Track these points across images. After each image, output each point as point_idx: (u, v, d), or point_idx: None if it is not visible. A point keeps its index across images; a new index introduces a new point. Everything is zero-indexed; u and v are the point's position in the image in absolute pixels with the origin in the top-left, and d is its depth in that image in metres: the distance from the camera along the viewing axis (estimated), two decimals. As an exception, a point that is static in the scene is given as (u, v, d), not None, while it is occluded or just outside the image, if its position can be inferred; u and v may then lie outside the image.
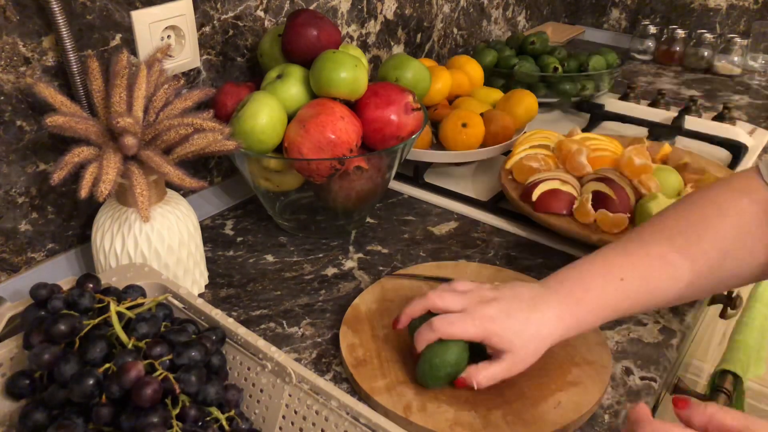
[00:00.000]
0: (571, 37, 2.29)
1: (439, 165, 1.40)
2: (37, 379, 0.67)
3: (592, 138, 1.30)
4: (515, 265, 1.10)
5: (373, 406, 0.81)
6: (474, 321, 0.77)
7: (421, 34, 1.70)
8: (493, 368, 0.78)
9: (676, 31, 2.11)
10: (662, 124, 1.58)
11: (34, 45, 0.90)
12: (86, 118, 0.84)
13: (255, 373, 0.71)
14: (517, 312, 0.78)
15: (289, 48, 1.09)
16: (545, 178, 1.17)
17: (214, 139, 0.88)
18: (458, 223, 1.23)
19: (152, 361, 0.63)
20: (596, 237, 1.07)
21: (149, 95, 0.89)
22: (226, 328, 0.72)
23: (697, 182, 1.18)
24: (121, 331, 0.65)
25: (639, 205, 1.10)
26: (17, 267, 0.98)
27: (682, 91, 1.92)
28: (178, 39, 1.08)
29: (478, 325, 0.77)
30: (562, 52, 1.74)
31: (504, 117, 1.34)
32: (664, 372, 0.89)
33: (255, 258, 1.12)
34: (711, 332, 1.56)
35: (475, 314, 0.78)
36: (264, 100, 1.02)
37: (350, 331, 0.92)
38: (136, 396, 0.59)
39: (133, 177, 0.85)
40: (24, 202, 0.96)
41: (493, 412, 0.79)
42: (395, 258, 1.12)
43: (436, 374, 0.79)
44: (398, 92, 1.08)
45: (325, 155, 1.01)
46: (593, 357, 0.87)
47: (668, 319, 0.98)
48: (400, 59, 1.22)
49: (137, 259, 0.91)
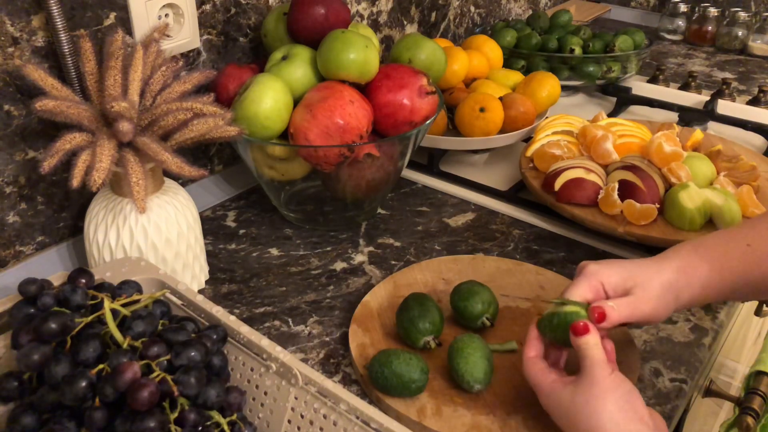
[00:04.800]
0: (596, 15, 2.28)
1: (455, 152, 1.39)
2: (26, 380, 0.67)
3: (618, 123, 1.29)
4: (536, 258, 1.10)
5: (384, 410, 0.81)
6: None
7: (436, 12, 1.69)
8: (619, 304, 0.76)
9: (708, 10, 2.10)
10: (693, 109, 1.57)
11: (23, 24, 0.90)
12: (78, 103, 0.84)
13: (259, 374, 0.71)
14: (636, 262, 0.80)
15: (295, 27, 1.09)
16: (568, 166, 1.16)
17: (215, 124, 0.88)
18: (475, 215, 1.22)
19: (149, 361, 0.62)
20: (622, 229, 1.06)
21: (146, 78, 0.88)
22: (227, 327, 0.72)
23: (730, 170, 1.17)
24: (115, 329, 0.65)
25: (668, 195, 1.09)
26: (5, 261, 0.98)
27: (714, 74, 1.91)
28: (176, 18, 1.07)
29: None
30: (587, 32, 1.73)
31: (524, 101, 1.33)
32: (695, 373, 0.88)
33: (259, 252, 1.11)
34: (745, 331, 1.55)
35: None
36: (268, 83, 1.01)
37: (360, 329, 0.91)
38: (132, 399, 0.58)
39: (129, 165, 0.84)
40: (12, 192, 0.96)
41: (513, 417, 0.79)
42: (408, 252, 1.11)
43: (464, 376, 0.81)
44: (411, 75, 1.07)
45: (334, 142, 1.00)
46: (620, 357, 0.86)
47: (700, 317, 0.97)
48: (414, 39, 1.21)
49: (133, 252, 0.91)
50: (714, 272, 0.79)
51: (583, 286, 0.78)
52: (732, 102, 1.62)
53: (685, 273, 0.78)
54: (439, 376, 0.84)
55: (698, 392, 1.07)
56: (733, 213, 1.04)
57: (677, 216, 1.06)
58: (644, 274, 0.78)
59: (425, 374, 0.80)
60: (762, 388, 1.06)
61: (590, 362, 0.71)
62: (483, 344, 0.82)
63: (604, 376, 0.70)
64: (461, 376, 0.80)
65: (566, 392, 0.71)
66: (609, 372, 0.70)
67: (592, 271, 0.79)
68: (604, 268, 0.79)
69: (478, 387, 0.80)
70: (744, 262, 0.80)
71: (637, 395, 0.70)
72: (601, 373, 0.70)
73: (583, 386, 0.70)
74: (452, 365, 0.82)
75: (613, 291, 0.78)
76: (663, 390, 0.85)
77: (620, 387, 0.70)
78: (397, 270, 1.06)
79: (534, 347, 0.78)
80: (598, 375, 0.70)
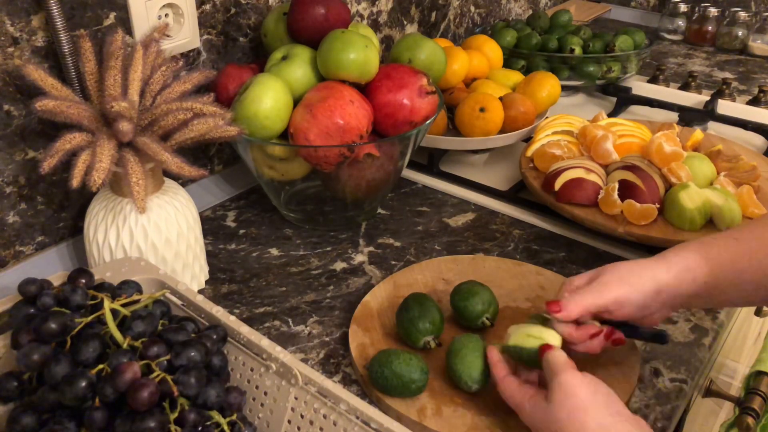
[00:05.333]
0: (596, 15, 2.28)
1: (455, 152, 1.39)
2: (26, 380, 0.67)
3: (618, 123, 1.29)
4: (536, 258, 1.10)
5: (384, 410, 0.81)
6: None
7: (436, 12, 1.69)
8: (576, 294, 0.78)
9: (708, 9, 2.10)
10: (693, 109, 1.57)
11: (23, 24, 0.90)
12: (78, 102, 0.84)
13: (259, 374, 0.70)
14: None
15: (295, 27, 1.09)
16: (568, 166, 1.16)
17: (215, 124, 0.88)
18: (475, 214, 1.22)
19: (149, 361, 0.62)
20: (622, 229, 1.06)
21: (146, 78, 0.88)
22: (227, 327, 0.72)
23: (730, 170, 1.17)
24: (115, 329, 0.65)
25: (668, 195, 1.09)
26: (5, 261, 0.98)
27: (714, 74, 1.91)
28: (176, 17, 1.07)
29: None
30: (587, 32, 1.72)
31: (524, 101, 1.33)
32: (695, 373, 0.88)
33: (258, 252, 1.11)
34: (745, 331, 1.54)
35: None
36: (268, 83, 1.01)
37: (360, 329, 0.91)
38: (132, 399, 0.58)
39: (129, 165, 0.84)
40: (12, 191, 0.95)
41: (513, 417, 0.78)
42: (408, 252, 1.11)
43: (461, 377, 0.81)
44: (411, 75, 1.07)
45: (334, 142, 1.00)
46: (620, 357, 0.86)
47: (700, 317, 0.97)
48: (414, 39, 1.21)
49: (133, 252, 0.91)
50: (705, 263, 0.79)
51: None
52: (732, 102, 1.62)
53: (664, 258, 0.79)
54: (439, 377, 0.84)
55: (698, 392, 1.07)
56: (734, 213, 1.04)
57: (677, 216, 1.06)
58: (610, 266, 0.79)
59: (425, 374, 0.80)
60: (762, 388, 1.06)
61: (557, 371, 0.70)
62: (481, 344, 0.82)
63: (575, 384, 0.68)
64: (459, 375, 0.80)
65: (543, 408, 0.70)
66: (580, 377, 0.69)
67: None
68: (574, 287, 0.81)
69: (475, 387, 0.80)
70: (732, 252, 0.79)
71: (614, 395, 0.69)
72: (572, 381, 0.69)
73: (559, 399, 0.68)
74: (450, 365, 0.82)
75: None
76: (663, 390, 0.85)
77: (598, 391, 0.68)
78: (397, 270, 1.06)
79: (502, 368, 0.78)
80: (569, 383, 0.69)
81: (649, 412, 0.82)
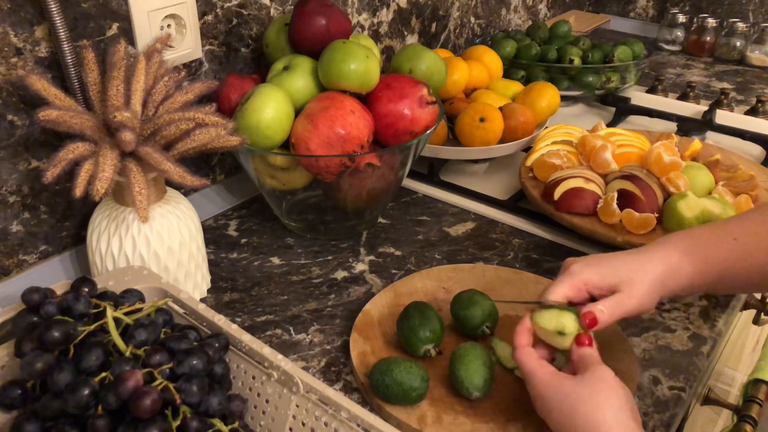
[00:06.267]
0: (595, 26, 2.28)
1: (455, 162, 1.39)
2: (30, 388, 0.67)
3: (617, 133, 1.29)
4: (536, 267, 1.10)
5: (385, 418, 0.81)
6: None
7: (437, 23, 1.70)
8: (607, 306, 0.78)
9: (706, 20, 2.10)
10: (692, 119, 1.57)
11: (26, 35, 0.90)
12: (81, 112, 0.84)
13: (260, 382, 0.71)
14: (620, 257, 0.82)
15: (296, 38, 1.09)
16: (568, 175, 1.16)
17: (217, 134, 0.88)
18: (475, 224, 1.22)
19: (151, 369, 0.62)
20: (621, 238, 1.06)
21: (148, 88, 0.88)
22: (229, 335, 0.72)
23: (728, 180, 1.17)
24: (118, 338, 0.65)
25: (667, 204, 1.09)
26: (8, 270, 0.98)
27: (712, 84, 1.91)
28: (178, 28, 1.08)
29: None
30: (586, 42, 1.73)
31: (524, 111, 1.33)
32: (693, 381, 0.88)
33: (260, 260, 1.11)
34: (744, 339, 1.54)
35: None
36: (270, 93, 1.01)
37: (361, 338, 0.91)
38: (135, 407, 0.59)
39: (131, 175, 0.84)
40: (15, 201, 0.96)
41: (513, 425, 0.79)
42: (409, 260, 1.11)
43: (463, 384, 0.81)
44: (412, 85, 1.07)
45: (335, 151, 1.00)
46: (619, 366, 0.86)
47: (698, 326, 0.97)
48: (414, 50, 1.21)
49: (135, 261, 0.91)
50: (700, 265, 0.81)
51: (564, 286, 0.80)
52: (730, 112, 1.62)
53: (671, 266, 0.80)
54: (440, 385, 0.84)
55: (697, 400, 1.07)
56: (732, 222, 1.04)
57: (676, 225, 1.06)
58: (629, 270, 0.80)
59: (426, 382, 0.80)
60: (760, 396, 1.06)
61: (594, 363, 0.72)
62: (485, 353, 0.83)
63: (611, 376, 0.71)
64: (461, 382, 0.80)
65: (567, 384, 0.71)
66: (613, 374, 0.71)
67: (575, 271, 0.80)
68: (586, 269, 0.80)
69: (476, 394, 0.80)
70: (730, 256, 0.81)
71: (634, 402, 0.71)
72: (608, 373, 0.71)
73: (591, 380, 0.70)
74: (452, 371, 0.82)
75: (597, 290, 0.80)
76: (662, 398, 0.85)
77: (624, 388, 0.71)
78: (397, 279, 1.06)
79: (527, 338, 0.79)
80: (605, 374, 0.71)
81: (648, 419, 0.82)
